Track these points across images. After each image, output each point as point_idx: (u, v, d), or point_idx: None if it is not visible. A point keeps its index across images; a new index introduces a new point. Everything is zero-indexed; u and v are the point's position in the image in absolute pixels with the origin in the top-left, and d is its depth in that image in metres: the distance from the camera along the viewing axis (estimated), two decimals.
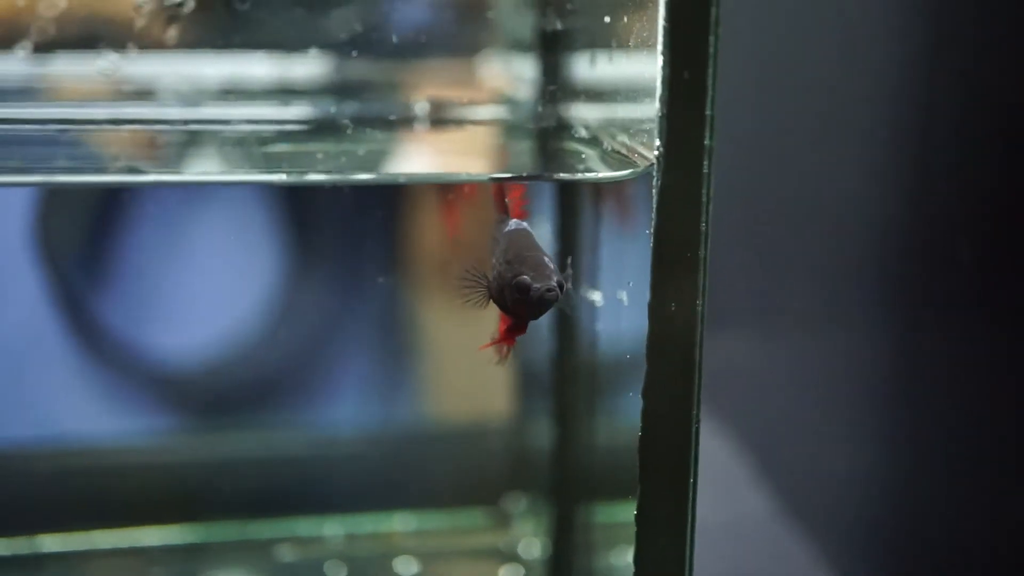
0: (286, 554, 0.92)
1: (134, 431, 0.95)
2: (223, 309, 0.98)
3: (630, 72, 0.60)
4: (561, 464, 0.84)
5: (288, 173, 0.66)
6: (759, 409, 1.11)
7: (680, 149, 0.53)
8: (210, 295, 0.98)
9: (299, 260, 0.96)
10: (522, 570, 0.89)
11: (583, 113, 0.70)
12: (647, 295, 0.56)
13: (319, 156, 0.69)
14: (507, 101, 0.79)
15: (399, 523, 0.95)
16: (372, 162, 0.70)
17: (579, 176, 0.64)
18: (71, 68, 0.77)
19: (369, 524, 0.94)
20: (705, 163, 0.54)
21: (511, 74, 0.81)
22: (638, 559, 0.57)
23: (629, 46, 0.58)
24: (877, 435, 0.89)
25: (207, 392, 0.97)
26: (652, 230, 0.54)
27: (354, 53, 0.78)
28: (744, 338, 1.16)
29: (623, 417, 0.70)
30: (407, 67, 0.80)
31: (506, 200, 0.61)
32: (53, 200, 0.92)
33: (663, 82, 0.52)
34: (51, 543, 0.89)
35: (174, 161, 0.70)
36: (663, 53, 0.52)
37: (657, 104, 0.53)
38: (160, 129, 0.75)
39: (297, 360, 0.97)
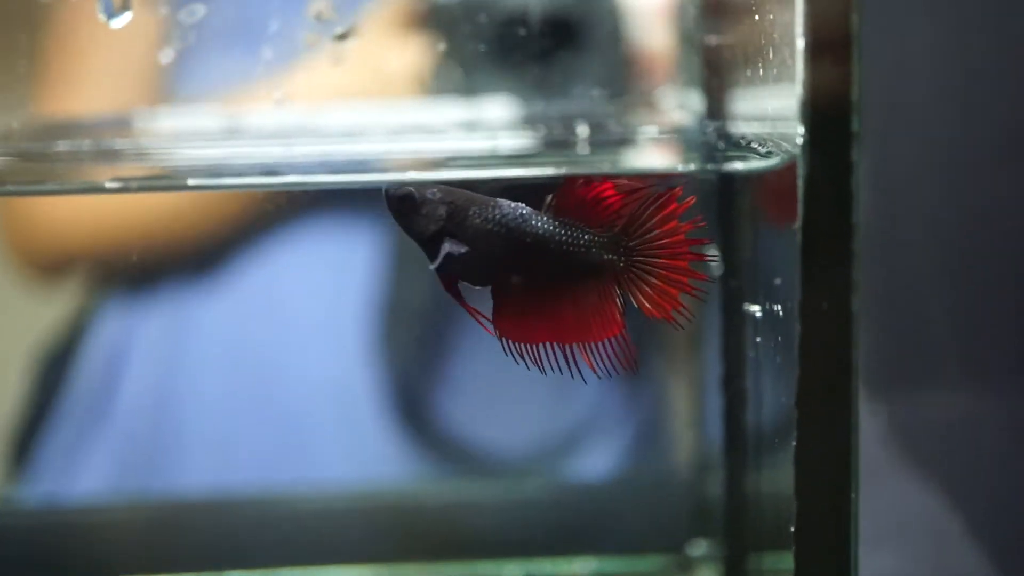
0: None
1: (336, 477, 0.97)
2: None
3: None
4: (744, 509, 0.80)
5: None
6: (971, 465, 1.04)
7: (824, 134, 0.50)
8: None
9: None
10: None
11: (745, 128, 0.68)
12: None
13: None
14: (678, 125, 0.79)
15: (579, 567, 0.92)
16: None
17: (708, 167, 0.61)
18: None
19: (548, 567, 0.92)
20: (853, 150, 0.50)
21: (681, 103, 0.81)
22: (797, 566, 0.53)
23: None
24: None
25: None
26: (799, 224, 0.52)
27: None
28: (953, 393, 1.09)
29: None
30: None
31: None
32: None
33: (804, 63, 0.50)
34: None
35: None
36: (803, 28, 0.49)
37: (798, 87, 0.50)
38: None
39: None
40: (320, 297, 0.98)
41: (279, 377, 0.97)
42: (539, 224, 0.56)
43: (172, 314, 0.97)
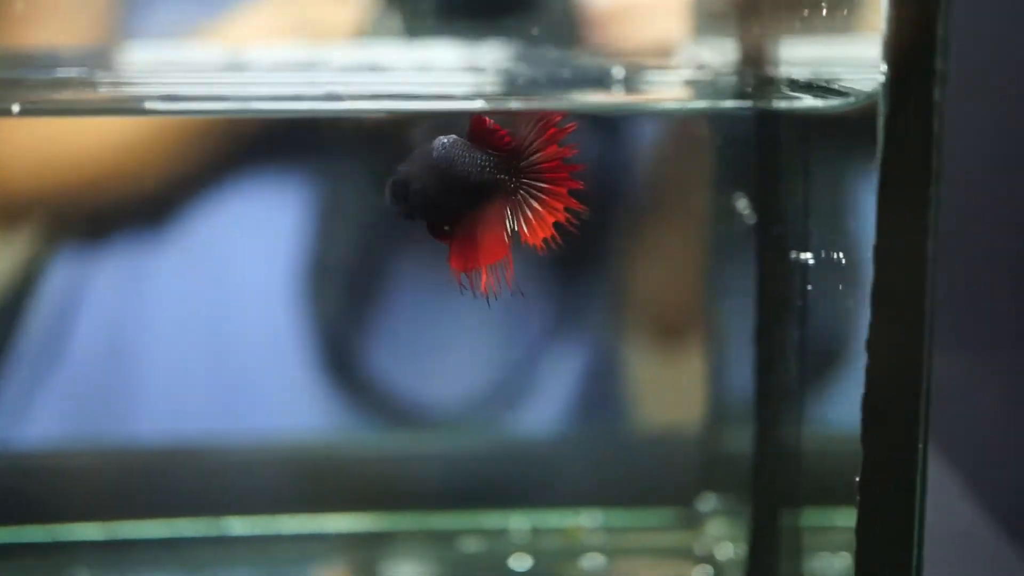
0: (470, 545, 0.90)
1: (334, 424, 0.95)
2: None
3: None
4: (764, 462, 0.79)
5: None
6: (966, 424, 1.04)
7: (907, 73, 0.49)
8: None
9: None
10: (712, 572, 0.85)
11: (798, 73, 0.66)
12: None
13: None
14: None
15: (586, 519, 0.91)
16: None
17: (778, 105, 0.60)
18: None
19: (555, 519, 0.91)
20: (936, 90, 0.49)
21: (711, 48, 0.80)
22: (859, 534, 0.52)
23: None
24: None
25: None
26: (877, 166, 0.50)
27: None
28: (952, 354, 1.10)
29: (841, 410, 0.66)
30: None
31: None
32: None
33: None
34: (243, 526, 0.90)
35: None
36: None
37: (882, 23, 0.49)
38: None
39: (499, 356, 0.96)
40: (265, 248, 0.96)
41: (221, 328, 0.96)
42: (454, 152, 0.55)
43: (120, 264, 0.96)
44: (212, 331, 0.96)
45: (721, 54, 0.78)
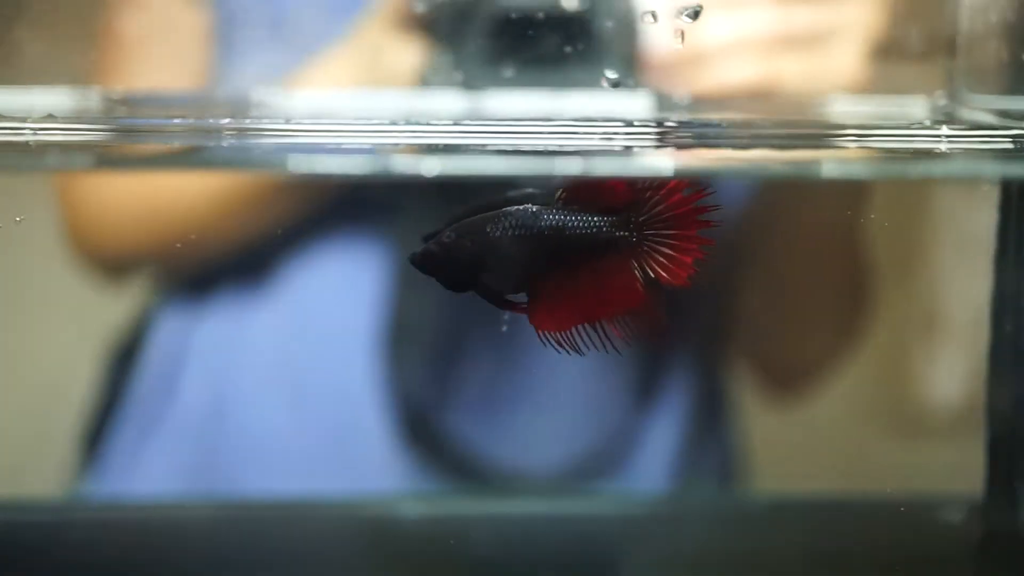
0: None
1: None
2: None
3: None
4: None
5: None
6: None
7: None
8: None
9: None
10: None
11: None
12: None
13: None
14: None
15: None
16: None
17: None
18: None
19: None
20: None
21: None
22: None
23: None
24: None
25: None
26: None
27: None
28: None
29: None
30: None
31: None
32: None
33: None
34: None
35: None
36: None
37: None
38: None
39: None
40: (354, 307, 0.96)
41: (312, 388, 0.97)
42: (553, 216, 0.59)
43: (220, 321, 0.97)
44: (303, 389, 0.96)
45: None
